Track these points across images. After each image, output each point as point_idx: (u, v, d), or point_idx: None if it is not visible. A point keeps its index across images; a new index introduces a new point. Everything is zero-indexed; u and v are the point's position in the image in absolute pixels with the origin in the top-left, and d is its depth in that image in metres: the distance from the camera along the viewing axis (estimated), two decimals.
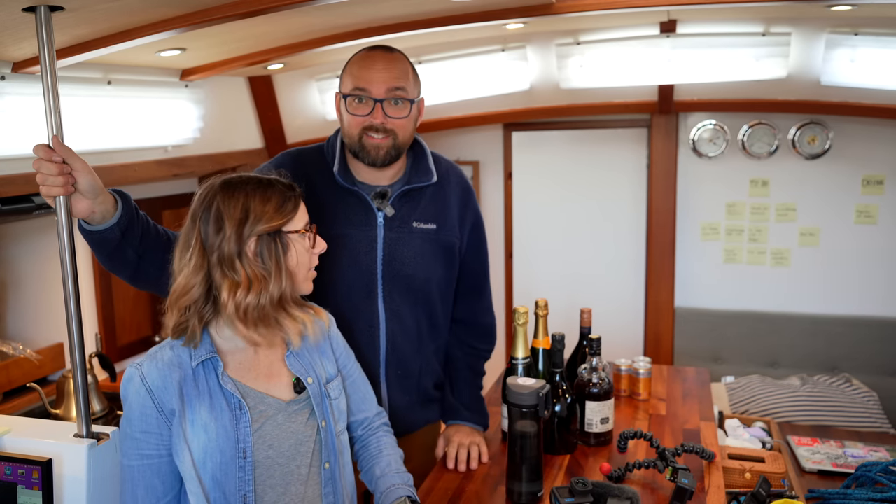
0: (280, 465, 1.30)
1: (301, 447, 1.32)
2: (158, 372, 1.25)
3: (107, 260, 1.47)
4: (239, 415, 1.26)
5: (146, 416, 1.24)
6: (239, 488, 1.25)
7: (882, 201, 3.38)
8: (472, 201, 1.85)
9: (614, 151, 3.71)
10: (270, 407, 1.31)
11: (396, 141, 1.64)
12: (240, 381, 1.30)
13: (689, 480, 1.49)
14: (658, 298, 3.68)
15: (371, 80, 1.61)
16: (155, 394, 1.24)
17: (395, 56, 1.66)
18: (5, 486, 1.36)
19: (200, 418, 1.25)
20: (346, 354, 1.51)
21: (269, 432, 1.29)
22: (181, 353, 1.28)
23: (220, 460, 1.24)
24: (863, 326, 3.42)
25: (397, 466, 1.49)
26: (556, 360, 1.74)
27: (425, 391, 1.81)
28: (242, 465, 1.25)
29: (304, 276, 1.35)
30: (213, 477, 1.24)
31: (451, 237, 1.77)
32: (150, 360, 1.27)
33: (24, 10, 1.33)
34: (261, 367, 1.34)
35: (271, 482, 1.29)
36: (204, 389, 1.27)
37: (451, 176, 1.82)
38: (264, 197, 1.28)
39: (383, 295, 1.70)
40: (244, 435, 1.26)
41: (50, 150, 1.32)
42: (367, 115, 1.62)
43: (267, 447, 1.28)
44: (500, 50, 3.10)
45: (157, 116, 2.47)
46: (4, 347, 2.38)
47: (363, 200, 1.69)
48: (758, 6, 2.46)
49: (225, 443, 1.24)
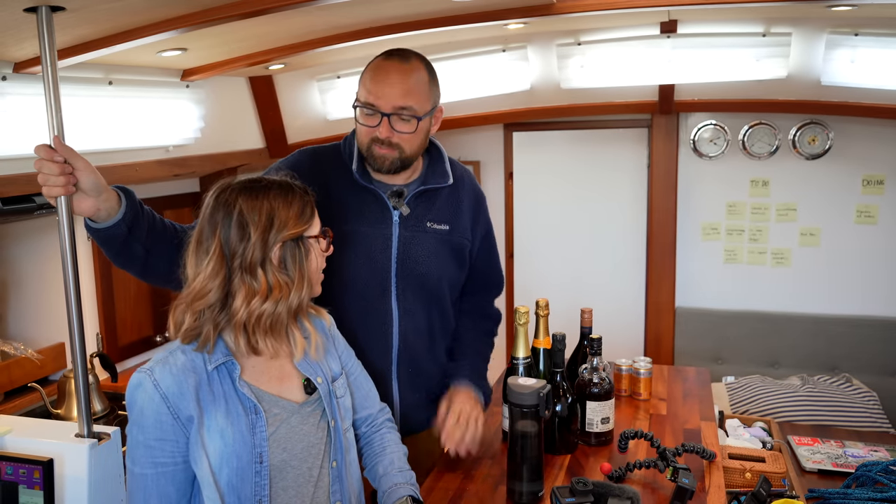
0: (293, 467, 1.29)
1: (312, 449, 1.32)
2: (173, 378, 1.21)
3: (115, 256, 1.47)
4: (255, 419, 1.24)
5: (161, 423, 1.20)
6: (255, 493, 1.23)
7: (882, 201, 3.39)
8: (484, 211, 1.89)
9: (615, 151, 3.71)
10: (285, 410, 1.30)
11: (402, 154, 1.66)
12: (254, 385, 1.28)
13: (690, 480, 1.49)
14: (659, 298, 3.68)
15: (380, 94, 1.61)
16: (170, 400, 1.20)
17: (410, 67, 1.64)
18: (7, 486, 1.36)
19: (217, 424, 1.22)
20: (347, 353, 1.51)
21: (283, 435, 1.28)
22: (194, 358, 1.24)
23: (236, 465, 1.22)
24: (864, 326, 3.42)
25: (400, 465, 1.48)
26: (557, 359, 1.74)
27: (435, 389, 1.81)
28: (259, 469, 1.23)
29: (318, 279, 1.35)
30: (228, 482, 1.22)
31: (462, 239, 1.80)
32: (163, 366, 1.22)
33: (25, 10, 1.33)
34: (272, 369, 1.32)
35: (284, 484, 1.28)
36: (220, 394, 1.24)
37: (466, 182, 1.85)
38: (287, 202, 1.27)
39: (397, 293, 1.71)
40: (260, 439, 1.24)
41: (51, 150, 1.32)
42: (374, 128, 1.64)
43: (281, 450, 1.27)
44: (501, 50, 3.10)
45: (158, 116, 2.47)
46: (6, 347, 2.38)
47: (379, 198, 1.70)
48: (758, 6, 2.46)
49: (242, 448, 1.22)
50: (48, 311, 2.56)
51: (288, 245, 1.26)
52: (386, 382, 1.72)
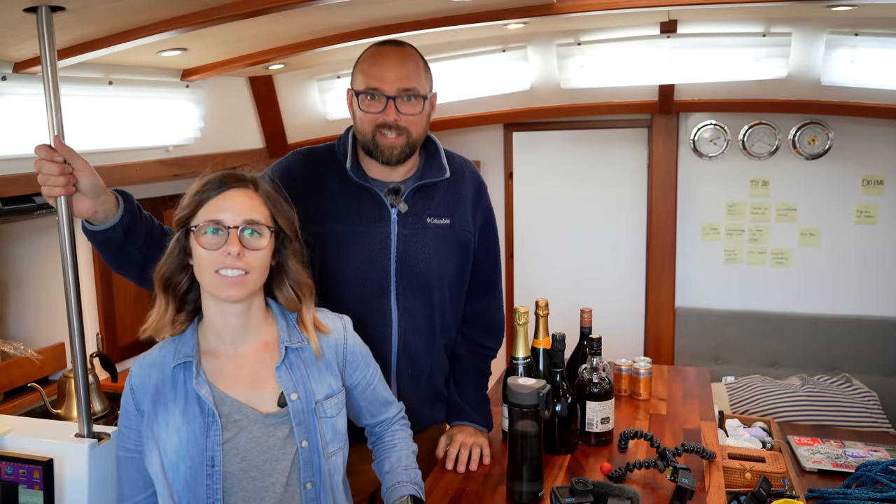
0: (253, 478, 1.26)
1: (277, 464, 1.27)
2: (140, 371, 1.30)
3: (112, 261, 1.47)
4: (210, 422, 1.24)
5: (127, 413, 1.30)
6: (208, 495, 1.23)
7: (882, 201, 3.38)
8: (485, 198, 1.85)
9: (615, 151, 3.71)
10: (246, 417, 1.27)
11: (410, 138, 1.63)
12: (217, 388, 1.27)
13: (690, 480, 1.49)
14: (658, 298, 3.68)
15: (383, 77, 1.60)
16: (135, 392, 1.29)
17: (406, 51, 1.64)
18: (7, 486, 1.36)
19: (174, 421, 1.24)
20: (366, 362, 1.46)
21: (242, 444, 1.25)
22: (166, 354, 1.29)
23: (189, 465, 1.23)
24: (864, 326, 3.42)
25: (406, 462, 1.47)
26: (557, 359, 1.74)
27: (436, 389, 1.80)
28: (210, 473, 1.23)
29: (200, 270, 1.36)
30: (185, 481, 1.23)
31: (464, 232, 1.76)
32: (141, 359, 1.31)
33: (25, 10, 1.33)
34: (244, 374, 1.30)
35: (243, 494, 1.25)
36: (181, 392, 1.26)
37: (465, 172, 1.81)
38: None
39: (396, 293, 1.69)
40: (213, 444, 1.23)
41: (51, 151, 1.32)
42: (379, 113, 1.61)
43: (240, 459, 1.25)
44: (501, 50, 3.10)
45: (158, 116, 2.47)
46: (5, 347, 2.38)
47: (376, 197, 1.67)
48: (758, 6, 2.46)
49: (194, 448, 1.23)
50: (48, 311, 2.56)
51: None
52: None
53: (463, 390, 1.84)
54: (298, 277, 1.35)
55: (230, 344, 1.31)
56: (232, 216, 1.25)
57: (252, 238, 1.26)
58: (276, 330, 1.35)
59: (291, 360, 1.33)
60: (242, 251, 1.23)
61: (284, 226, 1.32)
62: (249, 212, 1.26)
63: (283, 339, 1.33)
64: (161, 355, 1.29)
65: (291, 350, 1.33)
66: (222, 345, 1.31)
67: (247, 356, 1.31)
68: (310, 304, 1.37)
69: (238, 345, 1.31)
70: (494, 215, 1.88)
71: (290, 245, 1.34)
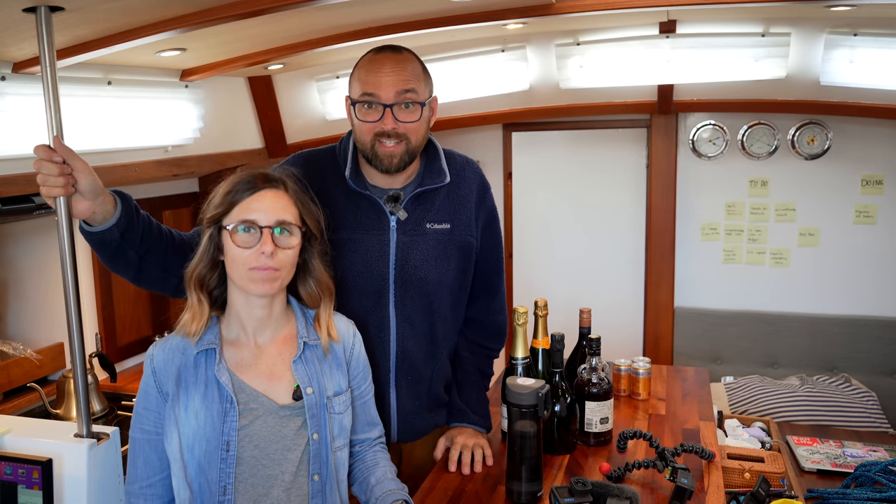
0: (265, 466, 1.32)
1: (289, 454, 1.33)
2: (164, 355, 1.34)
3: (108, 261, 1.47)
4: (228, 408, 1.30)
5: (147, 395, 1.33)
6: (220, 479, 1.28)
7: (881, 201, 3.39)
8: (488, 198, 1.81)
9: (614, 151, 3.71)
10: (262, 406, 1.33)
11: (409, 146, 1.60)
12: (237, 376, 1.33)
13: (689, 480, 1.49)
14: (658, 298, 3.68)
15: (379, 84, 1.56)
16: (157, 374, 1.33)
17: (403, 57, 1.61)
18: (6, 486, 1.36)
19: (194, 405, 1.29)
20: (364, 374, 1.50)
21: (257, 432, 1.31)
22: (188, 341, 1.34)
23: (205, 448, 1.28)
24: (862, 326, 3.43)
25: (392, 476, 1.49)
26: (556, 360, 1.74)
27: (436, 396, 1.78)
28: (224, 457, 1.28)
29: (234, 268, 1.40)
30: (199, 463, 1.28)
31: (465, 236, 1.72)
32: (163, 343, 1.36)
33: (24, 10, 1.33)
34: (262, 365, 1.36)
35: (253, 481, 1.31)
36: (202, 378, 1.31)
37: (467, 172, 1.77)
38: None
39: (395, 300, 1.67)
40: (230, 429, 1.29)
41: (50, 151, 1.32)
42: (377, 122, 1.57)
43: (253, 446, 1.31)
44: (500, 50, 3.10)
45: (157, 117, 2.47)
46: (5, 347, 2.38)
47: (375, 204, 1.65)
48: (757, 6, 2.46)
49: (211, 432, 1.28)
50: (47, 311, 2.56)
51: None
52: (384, 390, 1.69)
53: (464, 392, 1.83)
54: (321, 277, 1.41)
55: (252, 335, 1.37)
56: (265, 216, 1.31)
57: (283, 237, 1.33)
58: (294, 325, 1.41)
59: (307, 356, 1.39)
60: (275, 250, 1.30)
61: (311, 225, 1.39)
62: (281, 212, 1.33)
63: (302, 334, 1.40)
64: (182, 341, 1.34)
65: (308, 346, 1.40)
66: (244, 335, 1.37)
67: (266, 348, 1.38)
68: (328, 305, 1.43)
69: (259, 336, 1.38)
70: (498, 216, 1.85)
71: (316, 244, 1.40)
